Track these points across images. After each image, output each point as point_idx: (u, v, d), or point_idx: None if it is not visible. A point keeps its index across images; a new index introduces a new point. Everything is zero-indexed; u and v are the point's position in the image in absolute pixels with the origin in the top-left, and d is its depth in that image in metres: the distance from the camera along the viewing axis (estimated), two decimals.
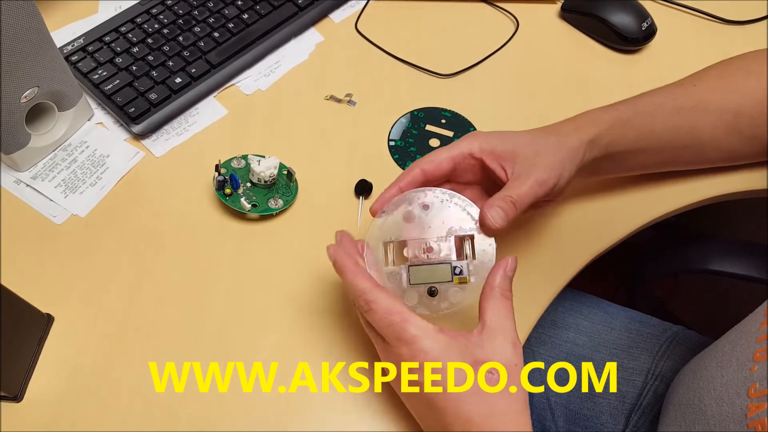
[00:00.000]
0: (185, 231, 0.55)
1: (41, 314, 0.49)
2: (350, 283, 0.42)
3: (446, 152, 0.47)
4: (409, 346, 0.39)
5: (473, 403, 0.39)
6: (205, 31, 0.66)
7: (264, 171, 0.54)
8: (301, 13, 0.69)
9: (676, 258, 0.70)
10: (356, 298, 0.41)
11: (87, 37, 0.64)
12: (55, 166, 0.57)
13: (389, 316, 0.40)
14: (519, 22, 0.70)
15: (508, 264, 0.43)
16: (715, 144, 0.54)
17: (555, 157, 0.47)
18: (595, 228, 0.56)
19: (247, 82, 0.65)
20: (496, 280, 0.42)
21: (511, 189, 0.45)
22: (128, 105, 0.60)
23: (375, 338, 0.43)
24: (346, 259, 0.42)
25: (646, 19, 0.67)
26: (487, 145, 0.47)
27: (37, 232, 0.54)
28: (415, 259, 0.44)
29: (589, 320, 0.69)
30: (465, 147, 0.47)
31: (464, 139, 0.48)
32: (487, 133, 0.48)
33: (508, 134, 0.48)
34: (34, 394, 0.46)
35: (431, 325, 0.40)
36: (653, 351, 0.66)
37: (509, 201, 0.44)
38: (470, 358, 0.39)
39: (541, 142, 0.47)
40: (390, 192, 0.46)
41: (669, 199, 0.58)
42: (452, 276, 0.44)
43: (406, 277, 0.44)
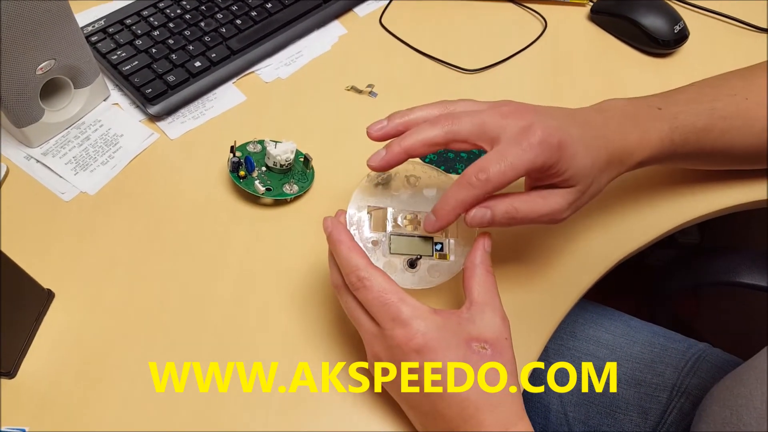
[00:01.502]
0: (196, 214, 0.53)
1: (42, 289, 0.47)
2: (344, 258, 0.40)
3: (515, 162, 0.39)
4: (404, 327, 0.38)
5: (474, 396, 0.37)
6: (227, 17, 0.65)
7: (280, 154, 0.52)
8: (325, 5, 0.68)
9: (702, 270, 0.67)
10: (349, 273, 0.39)
11: (108, 19, 0.64)
12: (67, 143, 0.56)
13: (384, 294, 0.38)
14: (547, 22, 0.69)
15: (485, 242, 0.43)
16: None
17: (603, 180, 0.44)
18: (614, 236, 0.53)
19: (268, 70, 0.63)
20: (477, 258, 0.42)
21: (529, 202, 0.42)
22: (145, 86, 0.58)
23: (363, 322, 0.40)
24: (342, 233, 0.41)
25: (679, 22, 0.65)
26: (550, 159, 0.40)
27: (45, 208, 0.52)
28: (397, 228, 0.44)
29: (610, 333, 0.66)
30: (528, 161, 0.39)
31: (529, 147, 0.39)
32: (548, 138, 0.40)
33: (570, 141, 0.41)
34: (28, 371, 0.44)
35: (425, 306, 0.39)
36: (678, 367, 0.63)
37: (511, 215, 0.41)
38: (464, 335, 0.39)
39: (602, 156, 0.43)
40: (395, 153, 0.42)
41: (691, 207, 0.55)
42: (433, 251, 0.44)
43: (387, 245, 0.44)
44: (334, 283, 0.42)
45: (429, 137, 0.41)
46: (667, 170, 0.57)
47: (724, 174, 0.56)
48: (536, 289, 0.50)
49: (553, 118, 0.41)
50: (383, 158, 0.42)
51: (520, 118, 0.41)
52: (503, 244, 0.51)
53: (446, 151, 0.57)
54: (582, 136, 0.41)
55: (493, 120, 0.41)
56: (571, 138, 0.41)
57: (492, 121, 0.41)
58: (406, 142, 0.41)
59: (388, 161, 0.42)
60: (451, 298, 0.49)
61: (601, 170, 0.43)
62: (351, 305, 0.41)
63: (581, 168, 0.41)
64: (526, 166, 0.39)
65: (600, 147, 0.42)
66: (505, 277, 0.50)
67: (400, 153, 0.41)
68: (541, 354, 0.50)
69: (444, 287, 0.45)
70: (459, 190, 0.40)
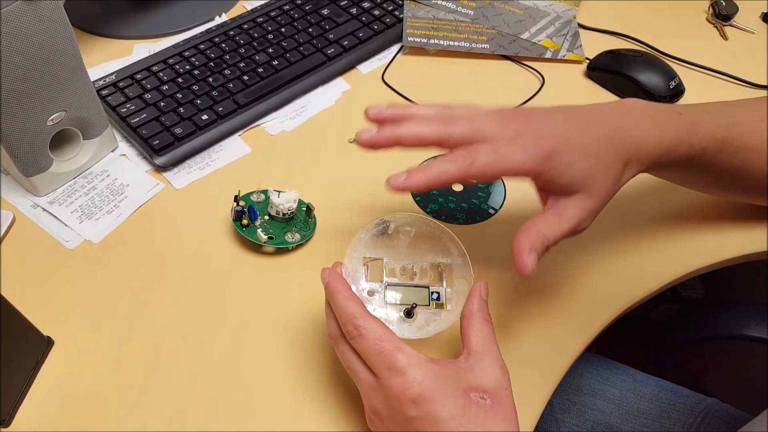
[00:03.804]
0: (198, 262, 0.53)
1: (42, 336, 0.47)
2: (341, 307, 0.40)
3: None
4: (401, 376, 0.37)
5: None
6: (234, 74, 0.67)
7: (283, 204, 0.53)
8: (329, 62, 0.70)
9: (708, 324, 0.66)
10: (345, 322, 0.39)
11: (119, 74, 0.66)
12: (73, 192, 0.57)
13: (380, 342, 0.38)
14: (545, 79, 0.70)
15: (482, 289, 0.42)
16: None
17: (613, 178, 0.43)
18: (617, 286, 0.53)
19: (273, 123, 0.65)
20: (474, 306, 0.42)
21: (552, 224, 0.41)
22: (153, 138, 0.60)
23: (359, 372, 0.39)
24: (339, 283, 0.41)
25: (674, 78, 0.67)
26: (541, 165, 0.41)
27: (48, 255, 0.53)
28: (394, 279, 0.44)
29: (617, 387, 0.65)
30: (518, 162, 0.40)
31: (522, 148, 0.40)
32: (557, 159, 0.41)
33: (573, 152, 0.41)
34: (23, 419, 0.44)
35: (422, 355, 0.38)
36: (687, 422, 0.61)
37: (546, 245, 0.41)
38: (462, 385, 0.38)
39: (610, 156, 0.43)
40: (385, 135, 0.42)
41: (693, 258, 0.55)
42: (429, 300, 0.44)
43: (383, 296, 0.44)
44: (330, 334, 0.42)
45: (422, 132, 0.42)
46: (670, 218, 0.57)
47: (730, 222, 0.56)
48: (538, 339, 0.49)
49: (552, 124, 0.42)
50: (373, 136, 0.43)
51: (517, 123, 0.42)
52: (501, 293, 0.51)
53: (446, 201, 0.58)
54: (584, 140, 0.42)
55: (489, 125, 0.42)
56: (568, 144, 0.41)
57: (488, 126, 0.42)
58: (399, 130, 0.43)
59: (377, 140, 0.43)
60: (450, 348, 0.48)
61: (608, 170, 0.42)
62: (348, 356, 0.40)
63: (580, 174, 0.41)
64: (515, 166, 0.40)
65: (607, 147, 0.42)
66: (505, 326, 0.50)
67: (389, 138, 0.43)
68: (547, 408, 0.49)
69: (442, 337, 0.45)
70: (442, 162, 0.41)
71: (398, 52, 0.73)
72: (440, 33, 0.74)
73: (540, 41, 0.74)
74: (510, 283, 0.52)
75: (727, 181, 0.51)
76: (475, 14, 0.76)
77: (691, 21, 0.80)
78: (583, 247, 0.55)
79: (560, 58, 0.73)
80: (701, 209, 0.58)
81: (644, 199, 0.58)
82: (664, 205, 0.58)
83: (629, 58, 0.69)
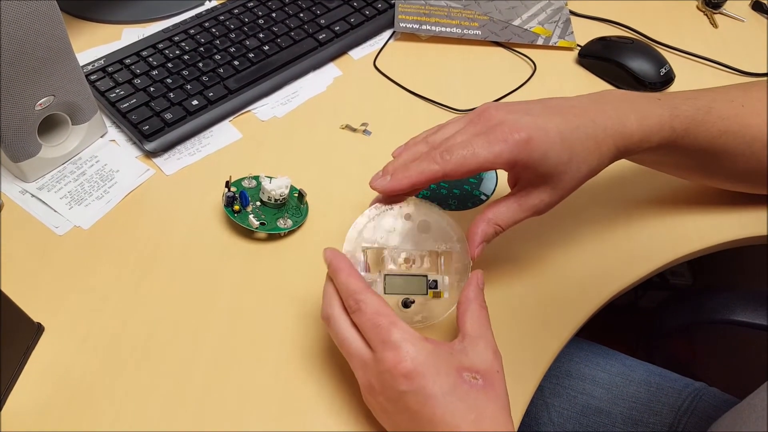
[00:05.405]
0: (189, 248, 0.53)
1: (32, 322, 0.46)
2: (343, 283, 0.41)
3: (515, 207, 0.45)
4: (394, 350, 0.38)
5: (460, 410, 0.37)
6: (225, 59, 0.66)
7: (275, 189, 0.53)
8: (320, 48, 0.69)
9: (697, 309, 0.67)
10: (347, 297, 0.40)
11: (108, 59, 0.65)
12: (63, 178, 0.56)
13: (377, 317, 0.39)
14: (536, 65, 0.70)
15: (478, 278, 0.44)
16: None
17: (587, 167, 0.44)
18: (606, 272, 0.53)
19: (264, 109, 0.64)
20: (471, 293, 0.43)
21: (510, 211, 0.45)
22: (142, 123, 0.59)
23: (354, 348, 0.40)
24: (342, 261, 0.42)
25: (664, 65, 0.67)
26: (518, 155, 0.42)
27: (38, 242, 0.52)
28: (392, 268, 0.44)
29: (606, 372, 0.66)
30: (493, 154, 0.42)
31: (495, 141, 0.42)
32: (529, 141, 0.42)
33: (542, 137, 0.42)
34: (13, 405, 0.43)
35: (417, 333, 0.39)
36: (675, 406, 0.62)
37: (497, 232, 0.45)
38: (455, 365, 0.38)
39: (589, 144, 0.44)
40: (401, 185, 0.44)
41: (682, 243, 0.55)
42: (427, 289, 0.44)
43: (381, 286, 0.44)
44: (324, 314, 0.42)
45: (427, 172, 0.43)
46: (659, 204, 0.57)
47: (719, 207, 0.56)
48: (529, 325, 0.50)
49: (527, 115, 0.43)
50: (388, 183, 0.44)
51: (492, 117, 0.43)
52: (493, 279, 0.52)
53: (439, 187, 0.58)
54: (561, 128, 0.43)
55: (462, 123, 0.45)
56: (545, 133, 0.42)
57: (463, 123, 0.45)
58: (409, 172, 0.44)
59: (392, 187, 0.44)
60: (447, 336, 0.48)
61: (584, 159, 0.44)
62: (343, 333, 0.41)
63: (554, 162, 0.42)
64: (490, 159, 0.42)
65: (587, 135, 0.43)
66: (497, 312, 0.50)
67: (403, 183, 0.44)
68: (537, 392, 0.49)
69: (439, 325, 0.45)
70: (421, 162, 0.43)
71: (390, 37, 0.73)
72: (432, 19, 0.73)
73: (531, 28, 0.74)
74: (501, 269, 0.52)
75: (711, 167, 0.51)
76: (467, 0, 0.76)
77: (681, 9, 0.80)
78: (573, 234, 0.55)
79: (552, 45, 0.73)
80: (690, 195, 0.58)
81: (634, 186, 0.59)
82: (653, 191, 0.59)
83: (620, 45, 0.69)
